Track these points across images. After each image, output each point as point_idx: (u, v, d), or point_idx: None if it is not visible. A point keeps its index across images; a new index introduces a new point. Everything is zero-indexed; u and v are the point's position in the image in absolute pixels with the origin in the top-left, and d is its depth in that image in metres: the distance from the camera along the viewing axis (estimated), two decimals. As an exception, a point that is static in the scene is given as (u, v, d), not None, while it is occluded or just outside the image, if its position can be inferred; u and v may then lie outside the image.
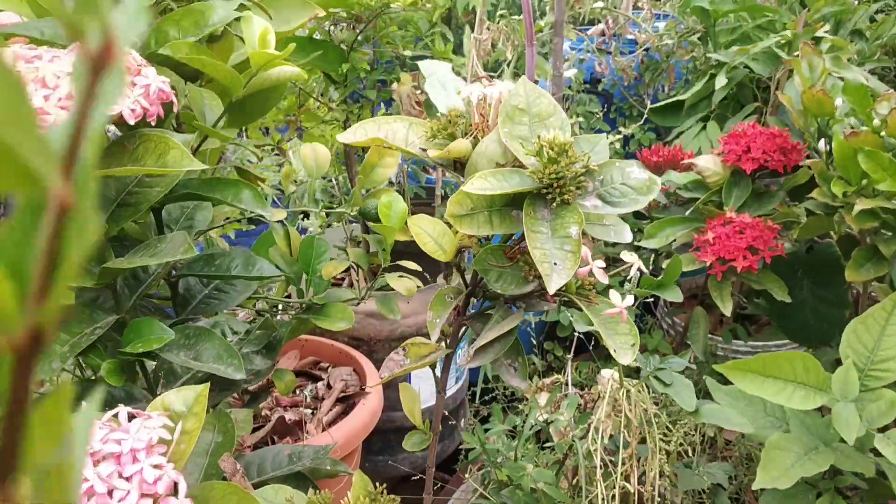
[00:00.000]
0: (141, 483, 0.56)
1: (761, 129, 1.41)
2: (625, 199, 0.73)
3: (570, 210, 0.70)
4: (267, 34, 0.76)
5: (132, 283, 0.81)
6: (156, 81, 0.65)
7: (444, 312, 0.81)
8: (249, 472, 0.89)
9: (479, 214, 0.72)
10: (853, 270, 1.24)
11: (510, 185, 0.70)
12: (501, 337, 0.79)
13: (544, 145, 0.71)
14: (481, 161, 0.74)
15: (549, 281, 0.66)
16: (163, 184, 0.73)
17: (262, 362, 0.97)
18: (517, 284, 0.76)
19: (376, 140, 0.77)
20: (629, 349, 0.72)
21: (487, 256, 0.76)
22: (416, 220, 0.79)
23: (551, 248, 0.68)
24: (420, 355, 0.86)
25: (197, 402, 0.65)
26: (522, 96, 0.77)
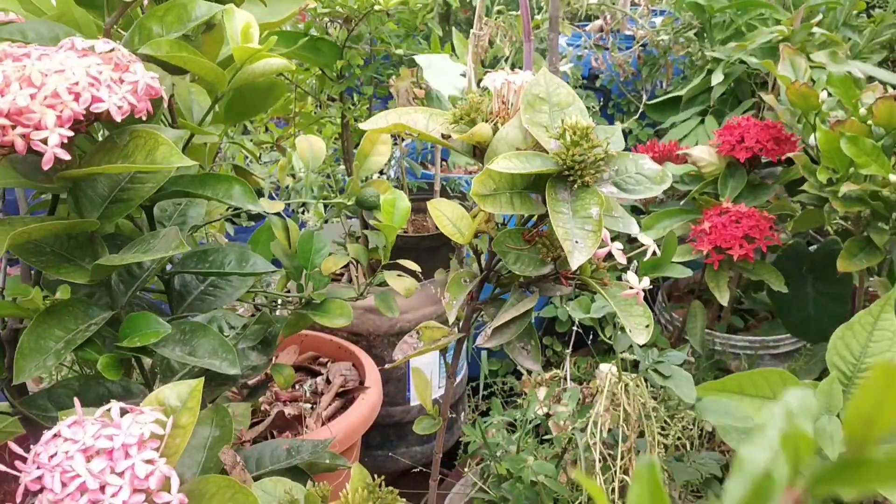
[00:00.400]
0: (133, 478, 0.56)
1: (755, 121, 1.41)
2: (640, 186, 0.77)
3: (590, 192, 0.73)
4: (249, 28, 0.76)
5: (127, 279, 0.81)
6: (144, 77, 0.65)
7: (460, 294, 0.83)
8: (248, 466, 0.90)
9: (501, 195, 0.75)
10: (846, 260, 1.24)
11: (533, 166, 0.73)
12: (517, 319, 0.82)
13: (567, 129, 0.74)
14: (502, 146, 0.77)
15: (571, 257, 0.68)
16: (154, 180, 0.73)
17: (258, 357, 0.97)
18: (534, 266, 0.79)
19: (399, 126, 0.80)
20: (644, 329, 0.75)
21: (506, 239, 0.78)
22: (436, 203, 0.82)
23: (573, 227, 0.71)
24: (433, 339, 0.88)
25: (191, 397, 0.65)
26: (543, 86, 0.79)
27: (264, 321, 0.99)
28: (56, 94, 0.59)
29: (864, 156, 1.11)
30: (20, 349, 0.68)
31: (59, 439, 0.57)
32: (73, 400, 0.79)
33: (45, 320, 0.72)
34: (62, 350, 0.70)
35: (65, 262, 0.74)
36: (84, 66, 0.61)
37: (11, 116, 0.58)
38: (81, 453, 0.56)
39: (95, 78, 0.62)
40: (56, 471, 0.55)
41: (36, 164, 0.67)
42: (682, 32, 1.96)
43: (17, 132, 0.58)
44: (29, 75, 0.59)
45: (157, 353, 0.83)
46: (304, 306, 1.04)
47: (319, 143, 1.08)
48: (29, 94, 0.58)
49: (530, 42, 1.49)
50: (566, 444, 1.23)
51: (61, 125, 0.60)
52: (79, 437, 0.57)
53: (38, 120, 0.59)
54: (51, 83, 0.59)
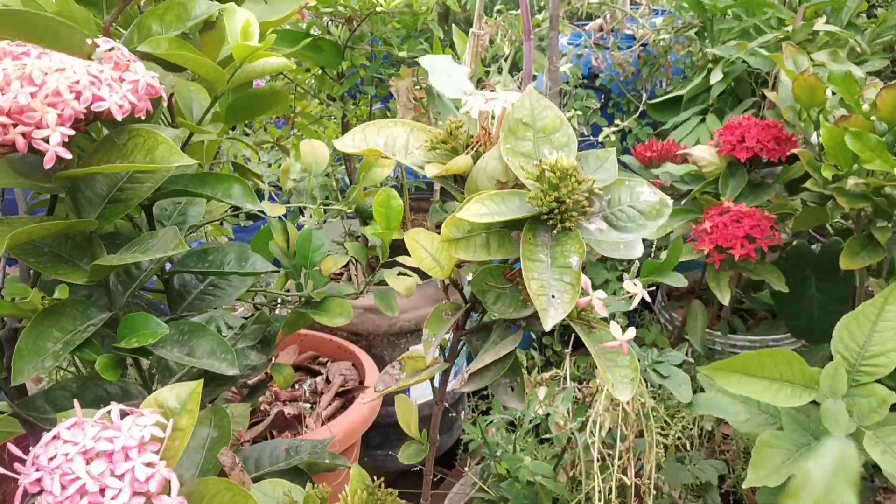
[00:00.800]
0: (133, 481, 0.55)
1: (756, 121, 1.41)
2: (632, 223, 0.69)
3: (571, 237, 0.67)
4: (249, 26, 0.75)
5: (125, 279, 0.81)
6: (144, 77, 0.65)
7: (440, 330, 0.77)
8: (247, 467, 0.89)
9: (476, 237, 0.69)
10: (848, 259, 1.24)
11: (509, 209, 0.67)
12: (499, 360, 0.75)
13: (545, 168, 0.67)
14: (482, 178, 0.71)
15: (545, 316, 0.62)
16: (153, 179, 0.73)
17: (257, 357, 0.97)
18: (515, 308, 0.72)
19: (373, 151, 0.74)
20: (628, 384, 0.67)
21: (486, 277, 0.73)
22: (413, 234, 0.77)
23: (549, 277, 0.64)
24: (417, 369, 0.83)
25: (190, 399, 0.64)
26: (528, 108, 0.73)
27: (263, 321, 0.98)
28: (57, 92, 0.59)
29: (869, 151, 1.11)
30: (18, 350, 0.68)
31: (58, 441, 0.57)
32: (71, 402, 0.79)
33: (43, 321, 0.71)
34: (60, 351, 0.70)
35: (63, 262, 0.73)
36: (84, 64, 0.61)
37: (12, 115, 0.58)
38: (81, 455, 0.56)
39: (96, 77, 0.61)
40: (56, 473, 0.55)
41: (34, 164, 0.67)
42: (682, 31, 1.96)
43: (18, 131, 0.58)
44: (30, 74, 0.58)
45: (155, 354, 0.83)
46: (303, 305, 1.04)
47: (322, 147, 1.08)
48: (30, 93, 0.58)
49: (530, 41, 1.49)
50: (566, 443, 1.22)
51: (62, 124, 0.59)
52: (79, 439, 0.57)
53: (39, 118, 0.59)
54: (52, 82, 0.59)
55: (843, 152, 1.16)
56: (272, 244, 1.04)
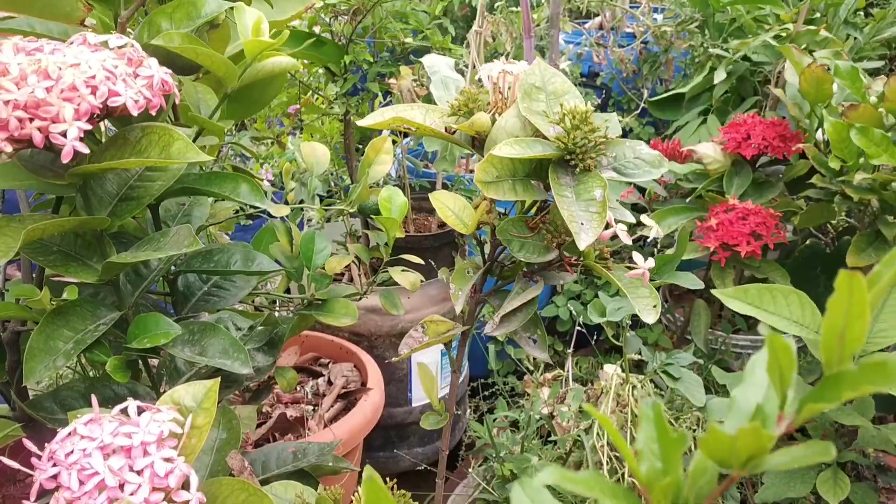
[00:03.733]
0: (152, 476, 0.55)
1: (761, 119, 1.41)
2: (639, 170, 0.78)
3: (592, 176, 0.74)
4: (260, 23, 0.75)
5: (134, 279, 0.80)
6: (159, 73, 0.64)
7: (465, 285, 0.84)
8: (254, 469, 0.89)
9: (503, 182, 0.76)
10: (854, 255, 1.24)
11: (534, 151, 0.73)
12: (524, 307, 0.83)
13: (566, 114, 0.74)
14: (501, 135, 0.78)
15: (578, 238, 0.69)
16: (165, 177, 0.72)
17: (263, 359, 0.96)
18: (539, 253, 0.79)
19: (397, 119, 0.80)
20: (652, 310, 0.76)
21: (510, 227, 0.80)
22: (439, 195, 0.83)
23: (577, 210, 0.71)
24: (439, 332, 0.90)
25: (207, 398, 0.64)
26: (538, 75, 0.80)
27: (271, 322, 0.98)
28: (73, 87, 0.58)
29: (874, 146, 1.11)
30: (30, 350, 0.67)
31: (75, 437, 0.57)
32: (78, 402, 0.78)
33: (54, 320, 0.71)
34: (72, 350, 0.69)
35: (73, 260, 0.73)
36: (99, 59, 0.60)
37: (28, 109, 0.57)
38: (99, 451, 0.55)
39: (111, 72, 0.61)
40: (73, 468, 0.54)
41: (45, 162, 0.66)
42: (684, 26, 1.95)
43: (35, 125, 0.57)
44: (45, 68, 0.58)
45: (164, 355, 0.82)
46: (307, 307, 1.03)
47: (323, 149, 1.08)
48: (46, 87, 0.57)
49: (531, 38, 1.48)
50: (571, 445, 1.22)
51: (79, 118, 0.59)
52: (96, 434, 0.56)
53: (55, 113, 0.58)
54: (68, 76, 0.58)
55: (849, 146, 1.16)
56: (273, 246, 1.03)
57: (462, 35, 2.14)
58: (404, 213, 1.02)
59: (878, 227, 1.25)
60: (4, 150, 0.57)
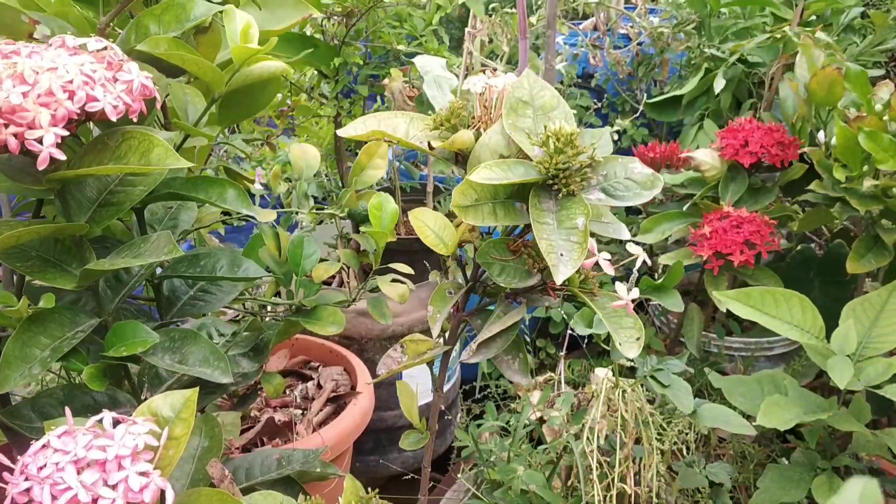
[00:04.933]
0: (126, 491, 0.54)
1: (758, 124, 1.40)
2: (629, 192, 0.74)
3: (575, 202, 0.71)
4: (249, 28, 0.74)
5: (114, 284, 0.79)
6: (139, 77, 0.63)
7: (444, 307, 0.81)
8: (237, 477, 0.88)
9: (483, 206, 0.73)
10: (854, 262, 1.23)
11: (515, 175, 0.70)
12: (504, 332, 0.80)
13: (550, 136, 0.71)
14: (484, 153, 0.75)
15: (556, 272, 0.66)
16: (146, 182, 0.71)
17: (249, 365, 0.95)
18: (520, 278, 0.76)
19: (377, 133, 0.77)
20: (634, 343, 0.72)
21: (490, 250, 0.76)
22: (418, 213, 0.80)
23: (557, 239, 0.68)
24: (418, 352, 0.87)
25: (185, 408, 0.63)
26: (526, 88, 0.77)
27: (255, 328, 0.97)
28: (50, 92, 0.58)
29: (882, 151, 1.11)
30: (5, 357, 0.66)
31: (48, 450, 0.56)
32: (57, 410, 0.77)
33: (30, 327, 0.70)
34: (48, 358, 0.68)
35: (51, 266, 0.72)
36: (77, 63, 0.59)
37: (4, 115, 0.56)
38: (73, 465, 0.54)
39: (89, 76, 0.60)
40: (46, 483, 0.53)
41: (23, 166, 0.65)
42: (680, 27, 1.94)
43: (10, 131, 0.56)
44: (21, 72, 0.57)
45: (144, 362, 0.81)
46: (294, 313, 1.02)
47: (313, 151, 1.07)
48: (22, 92, 0.56)
49: (526, 40, 1.47)
50: (561, 450, 1.21)
51: (55, 124, 0.58)
52: (70, 447, 0.55)
53: (31, 119, 0.57)
54: (44, 81, 0.57)
55: (855, 153, 1.16)
56: (262, 252, 1.03)
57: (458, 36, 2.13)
58: (395, 222, 1.01)
59: (876, 233, 1.24)
60: (-24, 155, 0.56)
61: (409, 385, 0.96)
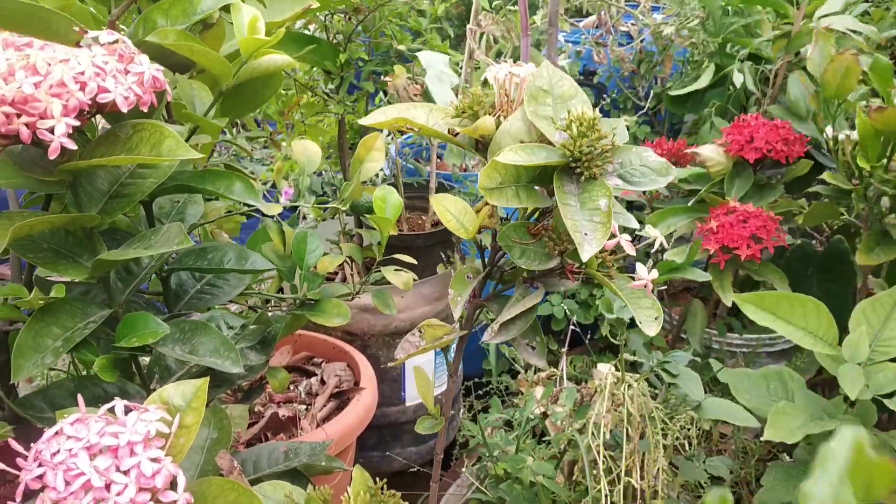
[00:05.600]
0: (139, 477, 0.54)
1: (764, 121, 1.41)
2: (645, 178, 0.76)
3: (597, 184, 0.73)
4: (256, 21, 0.75)
5: (125, 276, 0.79)
6: (150, 69, 0.64)
7: (465, 290, 0.84)
8: (246, 469, 0.88)
9: (507, 188, 0.75)
10: (864, 254, 1.24)
11: (539, 158, 0.72)
12: (523, 314, 0.82)
13: (573, 121, 0.73)
14: (506, 139, 0.77)
15: (581, 249, 0.68)
16: (156, 174, 0.72)
17: (256, 357, 0.96)
18: (540, 260, 0.78)
19: (399, 120, 0.79)
20: (653, 322, 0.74)
21: (511, 233, 0.78)
22: (440, 198, 0.82)
23: (581, 219, 0.70)
24: (436, 336, 0.88)
25: (196, 397, 0.63)
26: (546, 78, 0.79)
27: (263, 321, 0.97)
28: (62, 83, 0.58)
29: None
30: (18, 347, 0.67)
31: (61, 437, 0.56)
32: (68, 401, 0.78)
33: (43, 318, 0.70)
34: (60, 348, 0.69)
35: (62, 258, 0.72)
36: (89, 55, 0.60)
37: (16, 105, 0.57)
38: (85, 451, 0.55)
39: (101, 68, 0.60)
40: (59, 468, 0.54)
41: (35, 158, 0.65)
42: (685, 24, 1.94)
43: (23, 121, 0.57)
44: (34, 63, 0.57)
45: (154, 353, 0.82)
46: (299, 307, 1.03)
47: (314, 146, 1.08)
48: (34, 83, 0.57)
49: (527, 37, 1.48)
50: (566, 445, 1.22)
51: (67, 114, 0.58)
52: (82, 434, 0.56)
53: (43, 109, 0.58)
54: (56, 72, 0.58)
55: (874, 145, 1.16)
56: (266, 247, 1.03)
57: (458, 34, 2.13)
58: (398, 213, 1.02)
59: (885, 228, 1.25)
60: (-9, 145, 0.57)
61: (425, 372, 0.98)
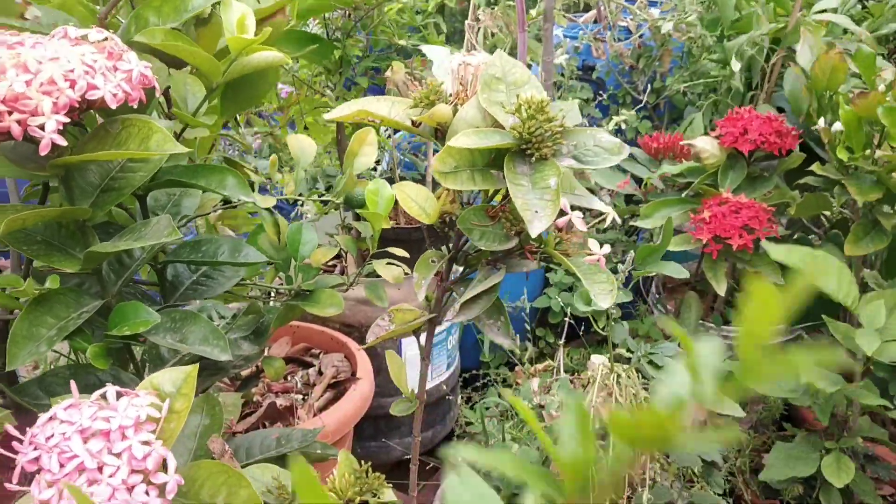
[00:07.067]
0: (130, 459, 0.56)
1: (757, 114, 1.42)
2: (597, 158, 0.78)
3: (548, 165, 0.75)
4: (244, 19, 0.76)
5: (117, 268, 0.81)
6: (138, 66, 0.65)
7: (428, 274, 0.86)
8: (238, 455, 0.90)
9: (462, 172, 0.77)
10: (852, 244, 1.25)
11: (491, 141, 0.75)
12: (485, 294, 0.85)
13: (522, 104, 0.76)
14: (461, 126, 0.79)
15: (531, 226, 0.71)
16: (146, 168, 0.74)
17: (249, 347, 0.97)
18: (499, 241, 0.80)
19: (361, 112, 0.81)
20: (608, 294, 0.77)
21: (470, 216, 0.80)
22: (402, 186, 0.85)
23: (532, 198, 0.73)
24: (405, 320, 0.92)
25: (185, 383, 0.65)
26: (499, 66, 0.81)
27: (255, 311, 0.99)
28: (52, 80, 0.60)
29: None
30: (13, 336, 0.69)
31: (55, 421, 0.58)
32: (63, 388, 0.80)
33: (37, 308, 0.72)
34: (54, 337, 0.71)
35: (56, 250, 0.74)
36: (78, 53, 0.62)
37: (7, 102, 0.59)
38: (79, 434, 0.56)
39: (90, 66, 0.62)
40: (54, 451, 0.56)
41: (27, 153, 0.67)
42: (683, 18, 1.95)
43: (14, 118, 0.59)
44: (25, 62, 0.59)
45: (147, 342, 0.84)
46: (294, 297, 1.05)
47: (309, 141, 1.09)
48: (25, 81, 0.59)
49: (524, 33, 1.50)
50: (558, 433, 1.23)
51: (57, 112, 0.60)
52: (75, 419, 0.57)
53: (34, 106, 0.59)
54: (46, 70, 0.60)
55: (858, 134, 1.18)
56: (261, 238, 1.05)
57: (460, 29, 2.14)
58: (391, 206, 1.04)
59: (875, 217, 1.26)
60: (-17, 141, 0.59)
61: (397, 355, 1.01)
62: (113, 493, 0.55)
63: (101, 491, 0.55)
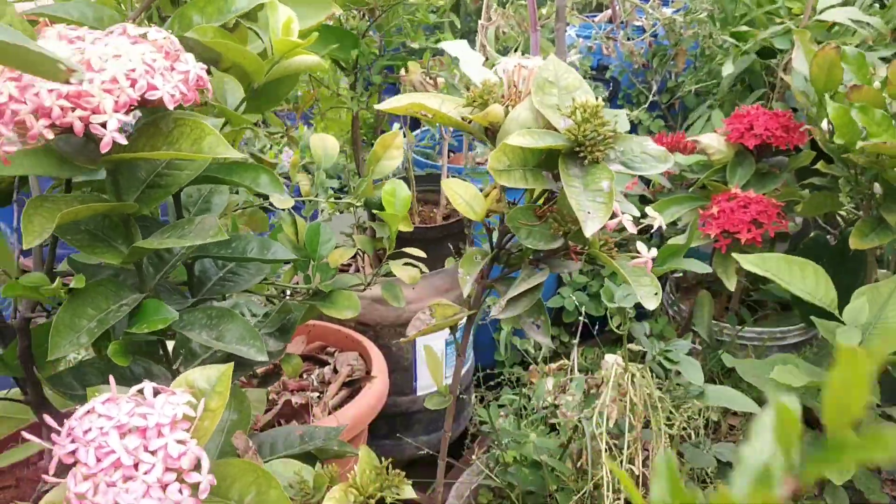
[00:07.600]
0: (166, 457, 0.56)
1: (764, 110, 1.43)
2: (645, 164, 0.81)
3: (600, 168, 0.78)
4: (291, 23, 0.77)
5: (156, 262, 0.82)
6: (195, 68, 0.66)
7: (473, 270, 0.88)
8: (262, 451, 0.91)
9: (515, 171, 0.79)
10: (857, 239, 1.25)
11: (545, 142, 0.77)
12: (528, 292, 0.86)
13: (578, 108, 0.78)
14: (513, 127, 0.81)
15: (585, 226, 0.72)
16: (192, 167, 0.74)
17: (275, 344, 0.98)
18: (545, 240, 0.82)
19: (414, 105, 0.83)
20: (653, 297, 0.78)
21: (518, 215, 0.82)
22: (451, 183, 0.86)
23: (584, 199, 0.75)
24: (446, 315, 0.92)
25: (220, 381, 0.65)
26: (552, 70, 0.84)
27: (285, 310, 1.00)
28: (115, 79, 0.61)
29: (875, 125, 1.14)
30: (56, 325, 0.69)
31: (93, 415, 0.58)
32: (98, 379, 0.80)
33: (79, 299, 0.73)
34: (95, 329, 0.71)
35: (99, 241, 0.75)
36: (139, 53, 0.63)
37: (70, 98, 0.59)
38: (116, 430, 0.57)
39: (150, 65, 0.63)
40: (91, 445, 0.56)
41: (78, 147, 0.68)
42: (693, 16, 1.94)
43: (77, 115, 0.59)
44: (89, 59, 0.60)
45: (178, 336, 0.84)
46: (311, 297, 1.05)
47: (332, 141, 1.10)
48: (88, 79, 0.59)
49: (537, 32, 1.50)
50: (572, 432, 1.24)
51: (118, 110, 0.61)
52: (113, 413, 0.58)
53: (96, 104, 0.60)
54: (110, 68, 0.60)
55: (851, 129, 1.18)
56: (281, 236, 1.05)
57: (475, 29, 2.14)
58: (407, 208, 1.04)
59: (880, 213, 1.27)
60: (46, 136, 0.59)
61: (435, 351, 1.02)
62: (147, 490, 0.55)
63: (135, 488, 0.55)
